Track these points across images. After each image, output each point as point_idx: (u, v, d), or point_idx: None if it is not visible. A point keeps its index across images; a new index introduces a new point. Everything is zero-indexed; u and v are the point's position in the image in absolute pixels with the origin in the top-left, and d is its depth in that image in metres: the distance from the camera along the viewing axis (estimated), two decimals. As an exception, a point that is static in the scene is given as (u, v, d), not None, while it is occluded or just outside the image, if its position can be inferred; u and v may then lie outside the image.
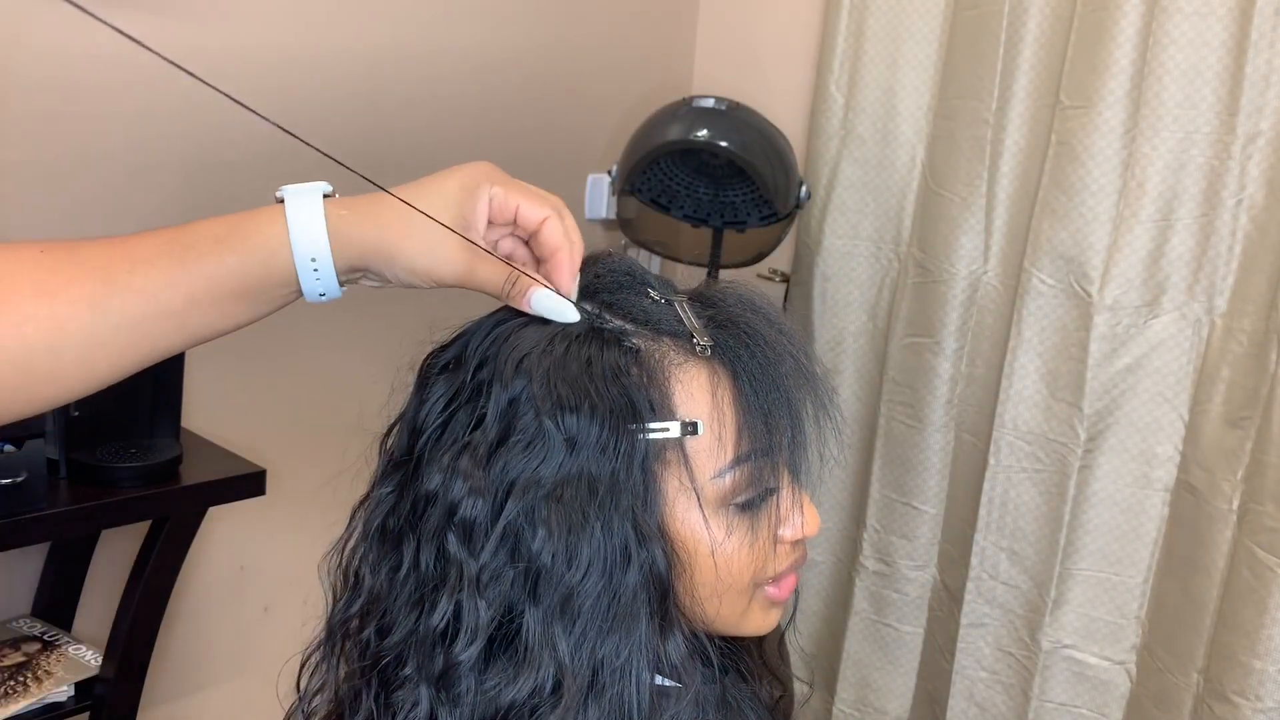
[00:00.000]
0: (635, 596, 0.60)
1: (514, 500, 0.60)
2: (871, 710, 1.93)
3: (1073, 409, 1.61)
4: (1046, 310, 1.62)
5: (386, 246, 0.65)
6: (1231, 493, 1.46)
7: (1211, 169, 1.48)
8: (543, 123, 1.90)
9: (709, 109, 1.72)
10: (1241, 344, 1.47)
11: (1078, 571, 1.64)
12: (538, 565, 0.60)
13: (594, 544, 0.60)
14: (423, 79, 1.71)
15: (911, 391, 1.80)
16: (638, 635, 0.60)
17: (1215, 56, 1.45)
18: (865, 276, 1.88)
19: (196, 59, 1.06)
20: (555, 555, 0.60)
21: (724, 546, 0.64)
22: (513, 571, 0.60)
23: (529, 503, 0.60)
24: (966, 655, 1.76)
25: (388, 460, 0.69)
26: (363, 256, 0.65)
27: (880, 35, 1.80)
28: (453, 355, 0.68)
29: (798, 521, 0.67)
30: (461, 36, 1.75)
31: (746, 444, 0.63)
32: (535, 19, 1.85)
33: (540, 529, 0.60)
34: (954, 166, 1.73)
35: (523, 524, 0.60)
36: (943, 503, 1.82)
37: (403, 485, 0.67)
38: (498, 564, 0.61)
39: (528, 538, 0.60)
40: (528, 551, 0.60)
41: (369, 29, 1.64)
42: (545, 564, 0.60)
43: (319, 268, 0.65)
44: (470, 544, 0.61)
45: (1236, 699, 1.43)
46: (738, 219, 1.85)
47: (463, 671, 0.60)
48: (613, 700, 0.60)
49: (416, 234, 0.65)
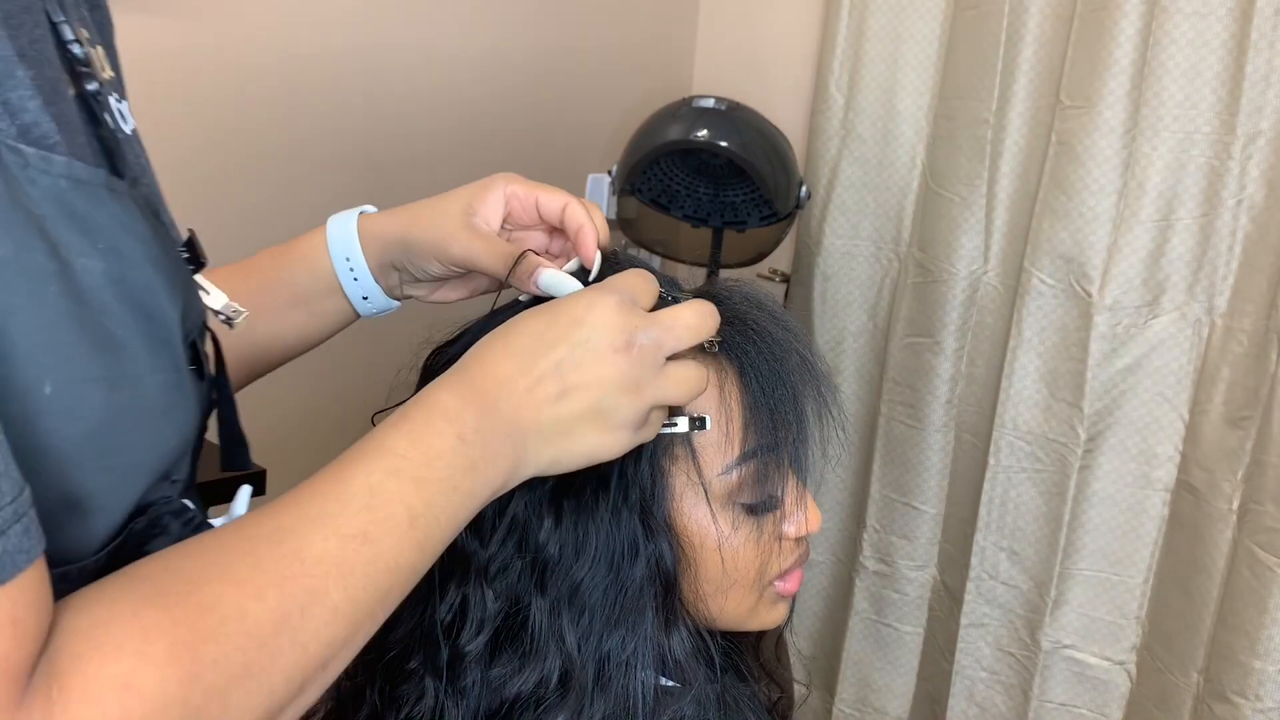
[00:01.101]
0: (641, 590, 0.61)
1: (521, 492, 0.60)
2: (871, 710, 1.93)
3: (1073, 409, 1.61)
4: (1046, 310, 1.62)
5: (405, 234, 0.72)
6: (1231, 493, 1.46)
7: (1211, 169, 1.48)
8: (543, 123, 1.90)
9: (709, 109, 1.72)
10: (1241, 344, 1.47)
11: (1078, 571, 1.64)
12: (545, 557, 0.60)
13: (601, 537, 0.60)
14: (423, 79, 1.71)
15: (911, 391, 1.80)
16: (643, 629, 0.61)
17: (1215, 56, 1.45)
18: (865, 276, 1.89)
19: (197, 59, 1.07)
20: (563, 547, 0.60)
21: (730, 541, 0.64)
22: (520, 563, 0.61)
23: (537, 495, 0.61)
24: (966, 655, 1.76)
25: None
26: (388, 248, 0.73)
27: (880, 35, 1.80)
28: (457, 351, 0.68)
29: (801, 518, 0.68)
30: (461, 37, 1.75)
31: (753, 440, 0.63)
32: (535, 20, 1.85)
33: (547, 520, 0.60)
34: (954, 166, 1.73)
35: (530, 515, 0.61)
36: (943, 503, 1.82)
37: None
38: (505, 555, 0.61)
39: (535, 529, 0.60)
40: (535, 543, 0.60)
41: (368, 29, 1.63)
42: (552, 555, 0.60)
43: (354, 267, 0.73)
44: (478, 535, 0.61)
45: (1236, 699, 1.43)
46: (738, 219, 1.85)
47: (469, 663, 0.60)
48: (618, 694, 0.60)
49: (427, 219, 0.71)
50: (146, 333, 0.43)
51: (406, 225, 0.72)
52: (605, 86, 1.99)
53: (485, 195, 0.71)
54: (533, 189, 0.71)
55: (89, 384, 0.40)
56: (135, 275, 0.43)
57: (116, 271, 0.42)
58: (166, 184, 0.55)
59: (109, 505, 0.43)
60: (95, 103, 0.45)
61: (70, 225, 0.40)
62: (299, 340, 0.76)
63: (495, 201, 0.71)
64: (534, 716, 0.60)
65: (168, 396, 0.45)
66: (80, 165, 0.41)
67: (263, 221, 1.48)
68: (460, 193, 0.72)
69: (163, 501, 0.47)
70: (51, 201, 0.40)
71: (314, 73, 1.57)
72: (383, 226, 0.73)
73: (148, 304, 0.44)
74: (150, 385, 0.44)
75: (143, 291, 0.43)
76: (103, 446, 0.41)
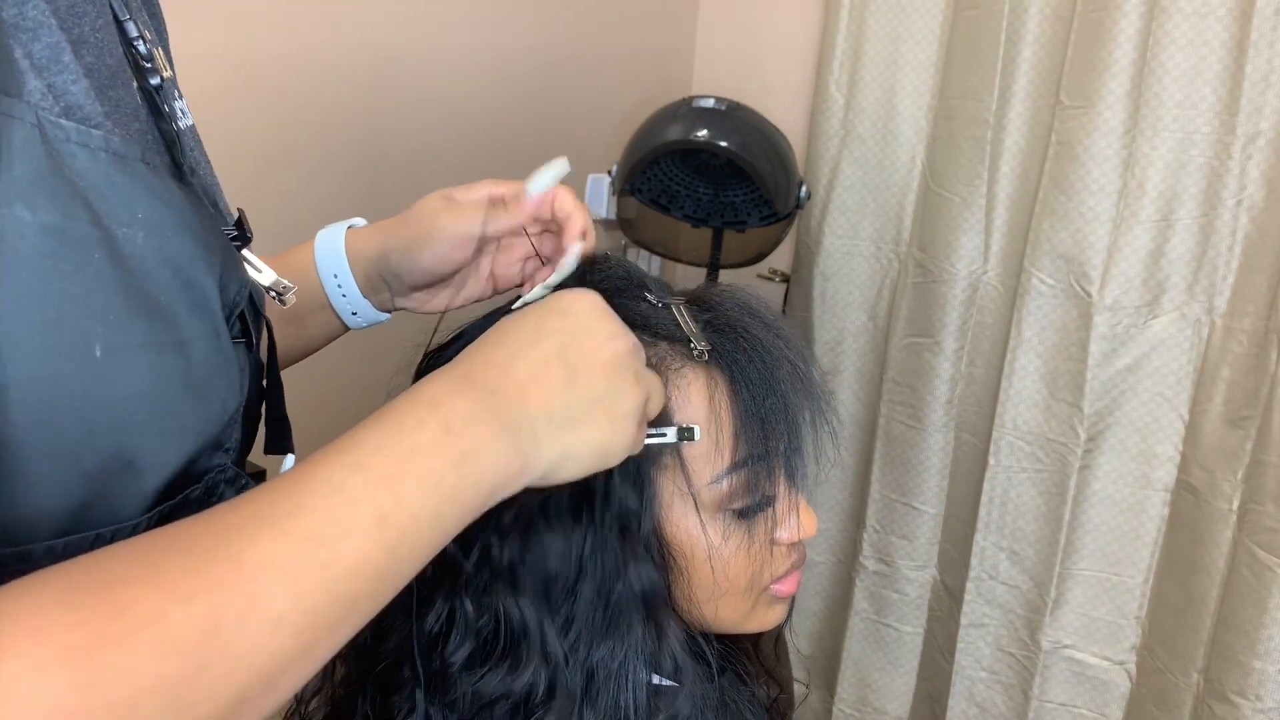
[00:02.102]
0: (630, 601, 0.60)
1: None
2: (871, 710, 1.93)
3: (1073, 409, 1.61)
4: (1046, 310, 1.62)
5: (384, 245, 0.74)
6: (1231, 493, 1.46)
7: (1211, 169, 1.48)
8: (543, 123, 1.90)
9: (709, 109, 1.72)
10: (1241, 344, 1.47)
11: (1078, 571, 1.64)
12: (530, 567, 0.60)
13: (589, 547, 0.60)
14: (422, 79, 1.71)
15: (911, 391, 1.80)
16: (633, 640, 0.60)
17: (1215, 56, 1.45)
18: (865, 276, 1.88)
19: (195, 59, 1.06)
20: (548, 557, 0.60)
21: (720, 551, 0.64)
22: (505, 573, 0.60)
23: (525, 505, 0.60)
24: (966, 655, 1.76)
25: None
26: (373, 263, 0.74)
27: (880, 35, 1.80)
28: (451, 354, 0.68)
29: (794, 525, 0.67)
30: (461, 37, 1.75)
31: (744, 449, 0.63)
32: (535, 19, 1.85)
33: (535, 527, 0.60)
34: (954, 166, 1.72)
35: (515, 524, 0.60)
36: (943, 503, 1.82)
37: None
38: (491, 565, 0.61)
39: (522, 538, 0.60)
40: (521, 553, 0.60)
41: (367, 29, 1.63)
42: (537, 566, 0.60)
43: (342, 284, 0.74)
44: (464, 544, 0.61)
45: (1236, 699, 1.43)
46: (738, 219, 1.85)
47: (457, 674, 0.60)
48: (608, 705, 0.60)
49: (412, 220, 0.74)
50: (187, 299, 0.45)
51: (385, 237, 0.74)
52: (605, 86, 1.99)
53: (464, 189, 0.74)
54: (516, 184, 0.73)
55: (136, 348, 0.42)
56: (172, 244, 0.45)
57: (156, 241, 0.44)
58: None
59: (159, 466, 0.44)
60: (158, 96, 0.47)
61: (112, 195, 0.42)
62: (287, 354, 0.77)
63: (476, 189, 0.74)
64: None
65: (211, 361, 0.46)
66: (117, 139, 0.43)
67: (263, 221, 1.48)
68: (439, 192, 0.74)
69: (218, 470, 0.48)
70: (93, 173, 0.42)
71: (313, 73, 1.57)
72: (366, 242, 0.75)
73: (186, 271, 0.45)
74: (195, 350, 0.45)
75: (181, 259, 0.45)
76: (152, 409, 0.43)
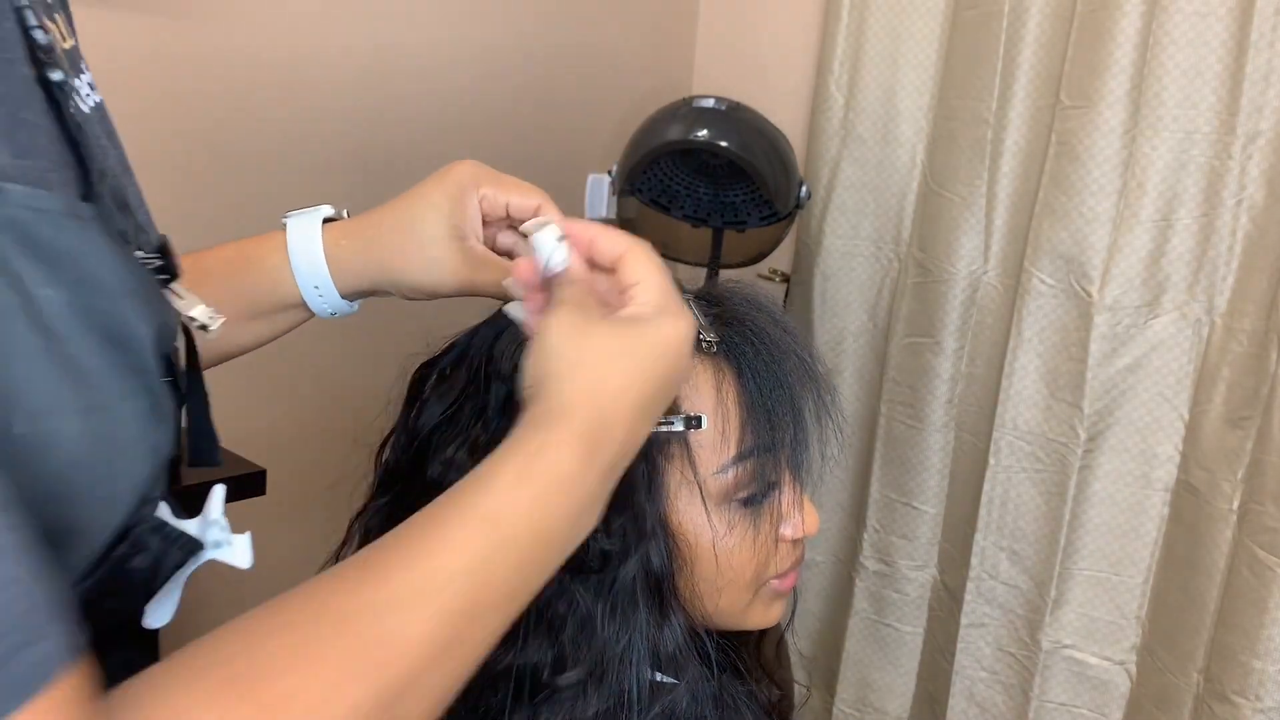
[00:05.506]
0: (635, 586, 0.61)
1: None
2: (871, 710, 1.93)
3: (1073, 409, 1.61)
4: (1046, 310, 1.62)
5: (388, 274, 0.69)
6: (1232, 493, 1.46)
7: (1211, 169, 1.48)
8: (543, 123, 1.90)
9: (709, 109, 1.72)
10: (1241, 344, 1.47)
11: (1078, 571, 1.64)
12: None
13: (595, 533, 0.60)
14: (422, 79, 1.71)
15: (911, 391, 1.80)
16: (637, 624, 0.61)
17: (1215, 56, 1.45)
18: (865, 276, 1.89)
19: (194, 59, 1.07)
20: None
21: (725, 541, 0.64)
22: None
23: None
24: (966, 655, 1.76)
25: (383, 472, 0.70)
26: (364, 285, 0.70)
27: (880, 35, 1.80)
28: (450, 360, 0.68)
29: (798, 520, 0.68)
30: (461, 36, 1.75)
31: (750, 440, 0.64)
32: (535, 19, 1.85)
33: None
34: (954, 166, 1.73)
35: None
36: (943, 503, 1.82)
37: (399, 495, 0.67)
38: None
39: None
40: None
41: (367, 29, 1.63)
42: None
43: (323, 294, 0.70)
44: None
45: (1236, 699, 1.43)
46: (738, 219, 1.85)
47: None
48: (612, 686, 0.60)
49: (414, 255, 0.68)
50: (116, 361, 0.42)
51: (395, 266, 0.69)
52: (605, 86, 1.99)
53: (465, 211, 0.68)
54: (503, 191, 0.69)
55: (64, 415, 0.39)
56: (103, 303, 0.42)
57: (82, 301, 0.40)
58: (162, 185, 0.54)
59: (95, 534, 0.42)
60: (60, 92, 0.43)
61: (32, 255, 0.39)
62: (254, 344, 0.74)
63: (474, 213, 0.69)
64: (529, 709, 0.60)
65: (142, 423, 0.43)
66: (43, 194, 0.40)
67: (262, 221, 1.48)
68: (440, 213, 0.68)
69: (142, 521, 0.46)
70: (10, 232, 0.38)
71: (311, 72, 1.57)
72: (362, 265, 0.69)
73: (118, 332, 0.42)
74: (123, 412, 0.42)
75: (112, 320, 0.42)
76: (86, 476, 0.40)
